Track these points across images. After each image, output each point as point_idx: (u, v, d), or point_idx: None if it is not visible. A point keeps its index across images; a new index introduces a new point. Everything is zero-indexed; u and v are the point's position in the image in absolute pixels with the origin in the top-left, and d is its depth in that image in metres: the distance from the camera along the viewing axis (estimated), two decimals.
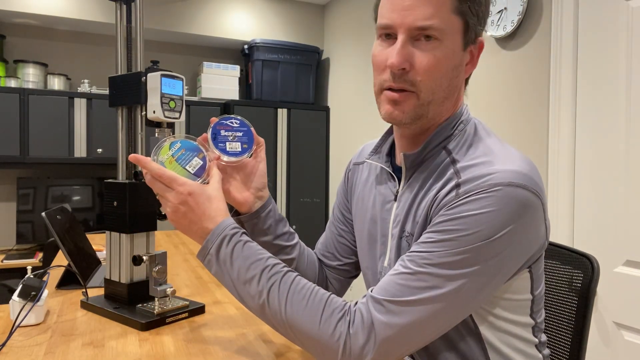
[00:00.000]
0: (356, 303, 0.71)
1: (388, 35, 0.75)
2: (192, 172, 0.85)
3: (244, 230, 0.79)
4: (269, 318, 0.74)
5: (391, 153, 0.89)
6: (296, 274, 0.75)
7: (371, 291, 0.71)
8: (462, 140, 0.77)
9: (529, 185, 0.67)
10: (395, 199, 0.83)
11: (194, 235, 0.80)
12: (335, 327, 0.68)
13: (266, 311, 0.73)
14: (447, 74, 0.74)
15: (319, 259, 1.04)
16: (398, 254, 0.80)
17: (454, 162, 0.74)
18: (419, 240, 0.71)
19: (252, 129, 0.93)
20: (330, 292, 0.73)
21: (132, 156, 0.82)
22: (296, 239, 0.97)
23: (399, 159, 0.82)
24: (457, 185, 0.70)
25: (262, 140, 0.95)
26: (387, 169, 0.86)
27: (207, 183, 0.84)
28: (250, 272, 0.74)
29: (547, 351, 0.84)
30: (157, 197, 0.82)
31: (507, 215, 0.66)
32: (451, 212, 0.68)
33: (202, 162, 0.86)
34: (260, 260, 0.75)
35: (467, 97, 0.84)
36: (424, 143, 0.78)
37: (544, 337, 0.83)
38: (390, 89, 0.75)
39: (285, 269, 0.75)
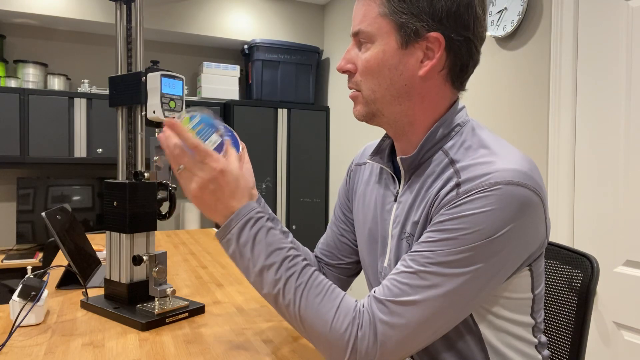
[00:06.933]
0: (363, 305, 0.72)
1: None
2: (211, 149, 0.80)
3: (268, 216, 0.78)
4: (281, 307, 0.74)
5: (392, 153, 0.89)
6: (314, 268, 0.75)
7: (374, 292, 0.71)
8: (460, 140, 0.77)
9: (529, 184, 0.68)
10: (395, 200, 0.83)
11: (217, 213, 0.78)
12: (346, 328, 0.69)
13: (279, 301, 0.73)
14: (382, 73, 0.77)
15: (319, 259, 1.04)
16: (398, 254, 0.80)
17: (452, 162, 0.74)
18: (420, 240, 0.71)
19: (236, 133, 0.93)
20: (344, 292, 0.74)
21: (167, 121, 0.77)
22: (290, 237, 0.97)
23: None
24: (458, 185, 0.70)
25: (243, 143, 0.95)
26: (388, 169, 0.87)
27: None
28: (270, 260, 0.74)
29: (546, 352, 0.84)
30: (177, 171, 0.78)
31: (508, 213, 0.66)
32: (452, 211, 0.68)
33: (220, 140, 0.82)
34: (282, 249, 0.75)
35: (462, 96, 0.83)
36: (419, 146, 0.78)
37: (543, 338, 0.83)
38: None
39: (305, 262, 0.75)
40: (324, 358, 0.73)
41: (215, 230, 2.33)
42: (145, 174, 1.06)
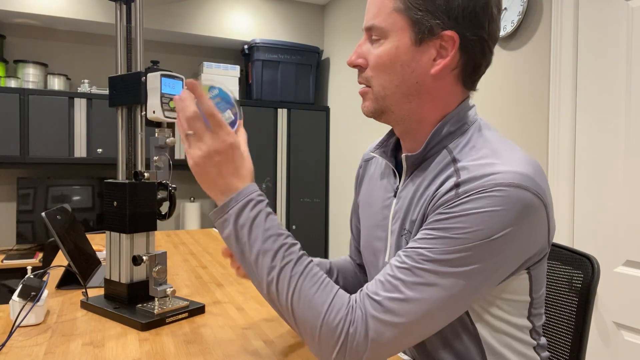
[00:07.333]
0: (356, 301, 0.71)
1: None
2: None
3: (268, 201, 0.76)
4: (272, 297, 0.72)
5: (396, 148, 0.89)
6: (310, 259, 0.73)
7: (367, 288, 0.70)
8: (465, 140, 0.76)
9: (530, 187, 0.67)
10: (394, 195, 0.83)
11: (216, 189, 0.75)
12: (338, 323, 0.68)
13: (272, 289, 0.71)
14: (394, 69, 0.76)
15: (354, 260, 1.07)
16: (398, 250, 0.80)
17: (454, 161, 0.74)
18: (416, 237, 0.71)
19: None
20: (338, 286, 0.72)
21: (189, 81, 0.74)
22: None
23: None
24: (457, 185, 0.69)
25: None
26: (390, 164, 0.87)
27: None
28: (267, 245, 0.71)
29: (546, 354, 0.84)
30: (185, 136, 0.75)
31: (508, 216, 0.66)
32: (450, 210, 0.68)
33: (233, 118, 0.80)
34: (280, 236, 0.72)
35: (472, 96, 0.83)
36: (425, 143, 0.78)
37: (543, 340, 0.83)
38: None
39: (302, 252, 0.73)
40: (311, 351, 0.71)
41: (215, 230, 2.33)
42: (145, 174, 1.06)
